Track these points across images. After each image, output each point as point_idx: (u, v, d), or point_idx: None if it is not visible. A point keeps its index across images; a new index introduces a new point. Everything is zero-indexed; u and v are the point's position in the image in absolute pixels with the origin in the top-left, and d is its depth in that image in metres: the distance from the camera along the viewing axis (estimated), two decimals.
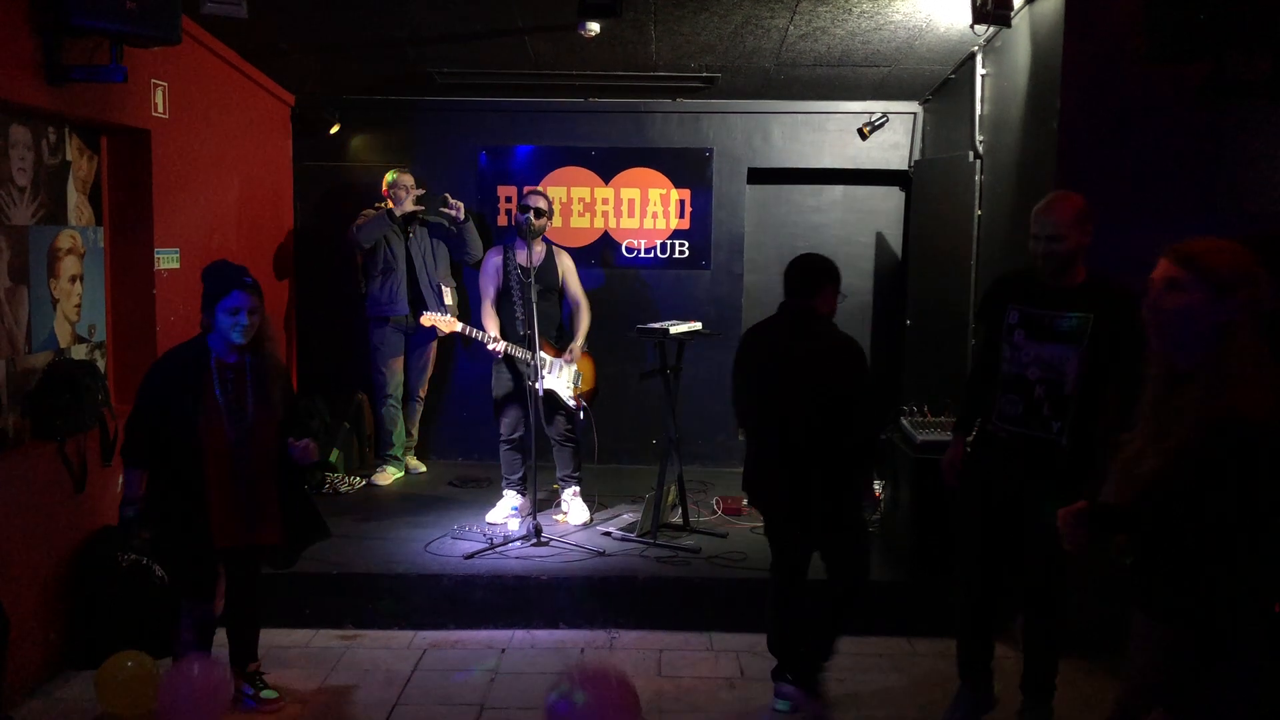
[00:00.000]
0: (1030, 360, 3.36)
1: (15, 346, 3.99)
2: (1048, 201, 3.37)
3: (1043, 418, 3.34)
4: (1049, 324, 3.34)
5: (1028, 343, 3.37)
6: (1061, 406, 3.31)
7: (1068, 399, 3.30)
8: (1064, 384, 3.30)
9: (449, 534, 5.12)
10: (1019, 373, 3.38)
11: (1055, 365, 3.31)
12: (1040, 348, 3.35)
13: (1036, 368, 3.35)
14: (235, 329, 3.39)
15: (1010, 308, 3.43)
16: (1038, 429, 3.36)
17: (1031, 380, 3.36)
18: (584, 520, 5.34)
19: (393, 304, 5.97)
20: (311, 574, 4.57)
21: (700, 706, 3.84)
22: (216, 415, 3.40)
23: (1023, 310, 3.40)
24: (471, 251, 6.10)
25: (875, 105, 6.51)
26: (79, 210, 4.42)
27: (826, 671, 3.72)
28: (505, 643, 4.40)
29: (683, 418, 5.88)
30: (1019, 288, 3.46)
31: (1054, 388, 3.32)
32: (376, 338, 6.05)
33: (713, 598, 4.61)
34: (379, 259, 5.96)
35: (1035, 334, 3.36)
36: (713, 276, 6.69)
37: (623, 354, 5.80)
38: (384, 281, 5.97)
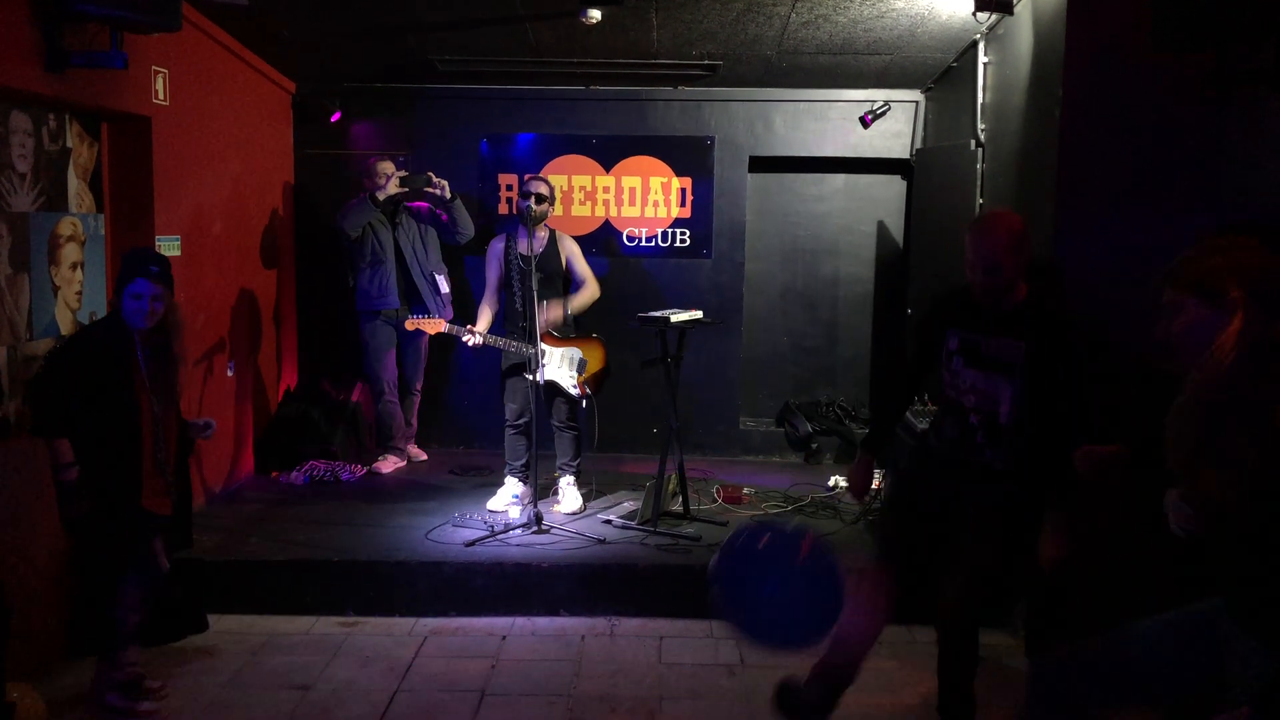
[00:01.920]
0: (967, 388, 3.27)
1: (16, 333, 3.99)
2: (981, 226, 3.20)
3: (976, 444, 3.26)
4: (984, 351, 3.24)
5: (965, 370, 3.27)
6: (996, 435, 3.23)
7: (1002, 428, 3.21)
8: (998, 414, 3.21)
9: (450, 522, 5.13)
10: (957, 399, 3.30)
11: (990, 394, 3.21)
12: (976, 375, 3.25)
13: (972, 395, 3.25)
14: (137, 314, 3.45)
15: (950, 333, 3.32)
16: (972, 454, 3.28)
17: (967, 408, 3.27)
18: (575, 509, 5.34)
19: (383, 297, 5.86)
20: (312, 561, 4.59)
21: (701, 694, 3.85)
22: (143, 387, 3.48)
23: (962, 336, 3.29)
24: (462, 231, 5.98)
25: (877, 93, 6.50)
26: (80, 197, 4.41)
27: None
28: (506, 630, 4.41)
29: (684, 406, 5.89)
30: (958, 310, 3.33)
31: (989, 418, 3.23)
32: (367, 332, 5.97)
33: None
34: (366, 250, 5.84)
35: (972, 361, 3.26)
36: (714, 265, 6.69)
37: (624, 343, 5.80)
38: (373, 274, 5.85)
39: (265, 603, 4.51)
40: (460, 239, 6.02)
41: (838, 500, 5.65)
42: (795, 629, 2.91)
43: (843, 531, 5.13)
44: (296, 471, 5.87)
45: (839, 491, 5.82)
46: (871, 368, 6.95)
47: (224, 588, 4.48)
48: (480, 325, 5.21)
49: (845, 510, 5.46)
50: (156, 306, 3.46)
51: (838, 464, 6.55)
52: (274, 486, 5.76)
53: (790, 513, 5.42)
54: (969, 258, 3.17)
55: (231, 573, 4.54)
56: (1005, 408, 3.19)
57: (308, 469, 5.88)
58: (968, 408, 3.27)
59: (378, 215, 5.79)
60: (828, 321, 6.98)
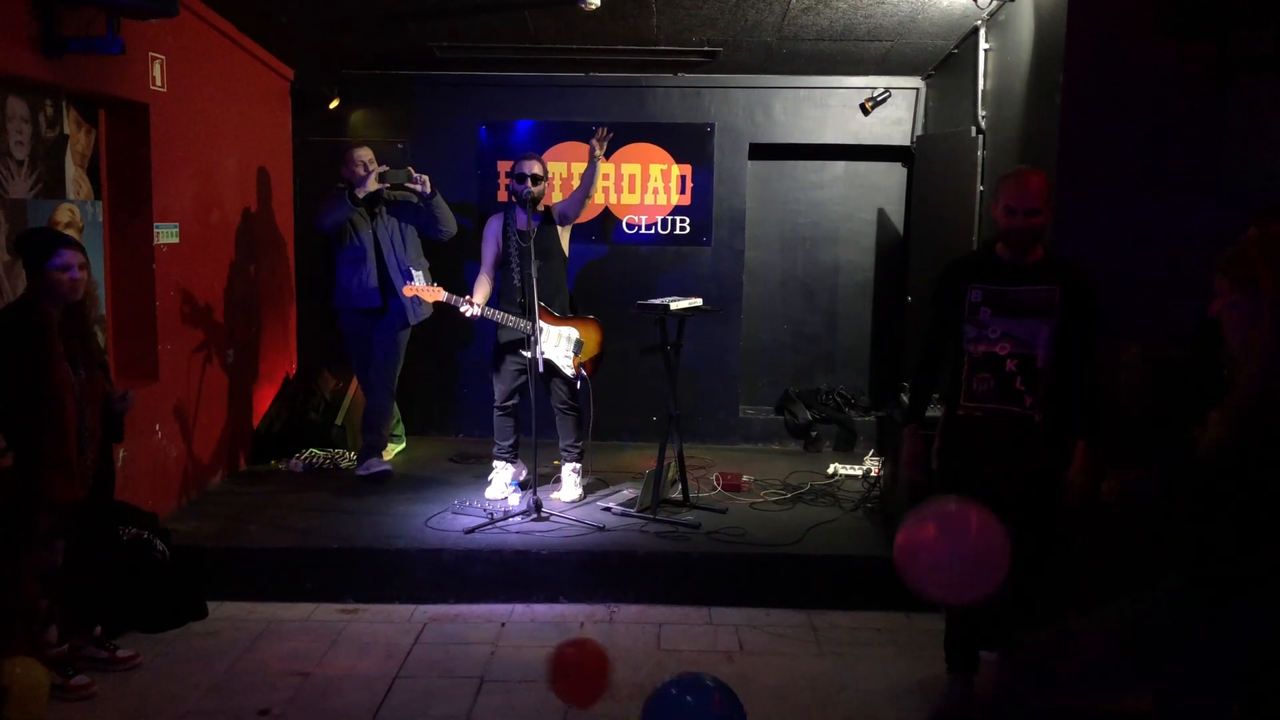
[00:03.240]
0: (998, 337, 3.38)
1: None
2: (1021, 175, 3.38)
3: (1016, 392, 3.37)
4: (1015, 299, 3.36)
5: (995, 319, 3.38)
6: (1034, 379, 3.35)
7: (1040, 372, 3.34)
8: (1035, 357, 3.34)
9: (449, 509, 5.13)
10: (989, 350, 3.39)
11: (1026, 339, 3.35)
12: (1008, 323, 3.36)
13: (1007, 343, 3.37)
14: (69, 287, 3.41)
15: (972, 288, 3.42)
16: (1012, 403, 3.38)
17: (1002, 355, 3.38)
18: (574, 498, 5.34)
19: (364, 295, 5.54)
20: (312, 549, 4.60)
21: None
22: (63, 369, 3.44)
23: (985, 289, 3.40)
24: (444, 228, 5.64)
25: (878, 80, 6.48)
26: (77, 184, 4.40)
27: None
28: (505, 616, 4.42)
29: (683, 394, 5.89)
30: (977, 268, 3.46)
31: (1026, 362, 3.35)
32: (344, 326, 5.70)
33: (712, 573, 4.62)
34: (347, 247, 5.52)
35: (1002, 310, 3.37)
36: (714, 253, 6.67)
37: (623, 330, 5.80)
38: (354, 271, 5.52)
39: (265, 590, 4.52)
40: (443, 235, 5.68)
41: (837, 488, 5.65)
42: None
43: (841, 519, 5.13)
44: (295, 459, 5.88)
45: (839, 479, 5.83)
46: (871, 356, 6.95)
47: (224, 575, 4.49)
48: (478, 298, 5.18)
49: (845, 498, 5.47)
50: (84, 275, 3.45)
51: (837, 452, 6.56)
52: (273, 474, 5.77)
53: (790, 500, 5.43)
54: (1008, 204, 3.34)
55: (231, 560, 4.54)
56: (1042, 350, 3.34)
57: (307, 457, 5.89)
58: (1003, 355, 3.37)
59: (358, 210, 5.47)
60: (827, 309, 6.97)
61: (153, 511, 4.42)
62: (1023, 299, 3.36)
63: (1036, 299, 3.34)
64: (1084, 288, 3.34)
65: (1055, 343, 3.32)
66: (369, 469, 5.61)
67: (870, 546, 4.73)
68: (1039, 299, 3.34)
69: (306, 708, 3.60)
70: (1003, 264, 3.40)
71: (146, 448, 4.70)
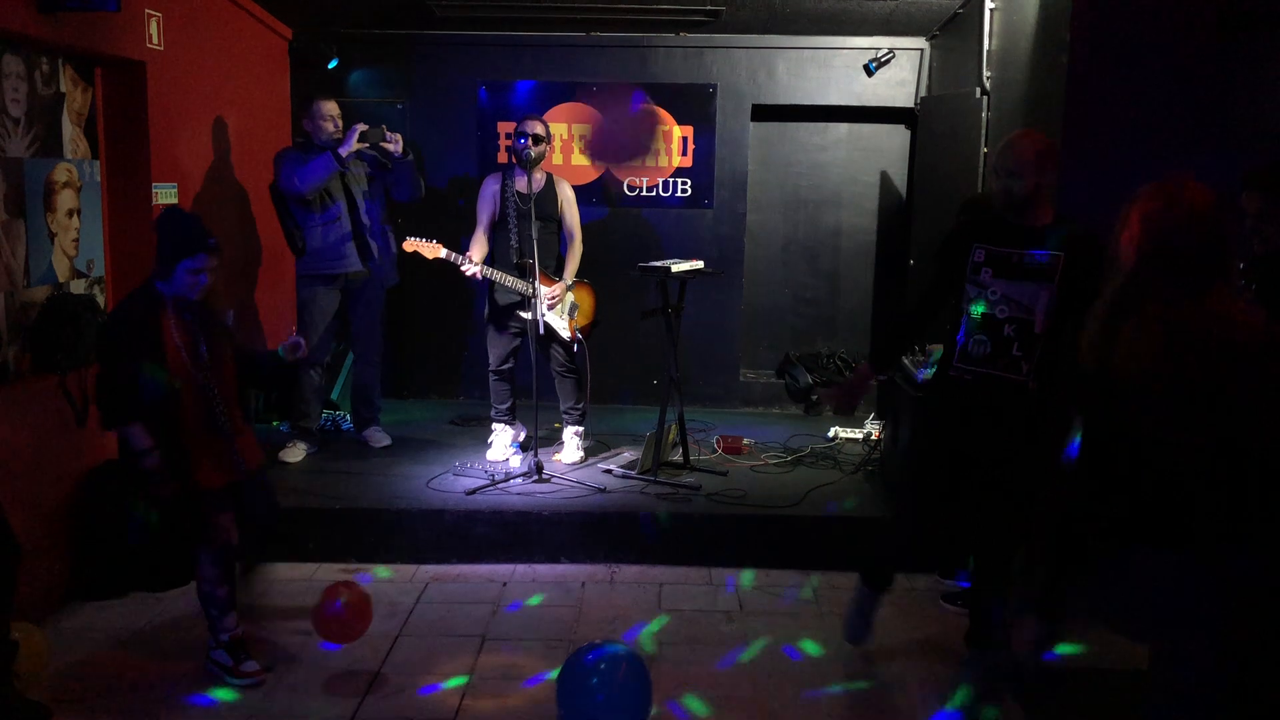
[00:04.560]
0: (998, 299, 3.33)
1: (14, 280, 3.97)
2: (1009, 139, 3.34)
3: (1012, 357, 3.32)
4: (1018, 261, 3.31)
5: (995, 281, 3.34)
6: (1031, 344, 3.30)
7: (1037, 338, 3.28)
8: (1033, 322, 3.28)
9: (450, 471, 5.14)
10: (988, 312, 3.35)
11: (1025, 303, 3.30)
12: (1009, 285, 3.32)
13: (1005, 306, 3.33)
14: (195, 288, 3.38)
15: (976, 248, 3.39)
16: (1006, 369, 3.34)
17: (1000, 319, 3.33)
18: (575, 460, 5.35)
19: (340, 259, 5.20)
20: (314, 509, 4.61)
21: (700, 639, 3.89)
22: (180, 358, 3.37)
23: (989, 250, 3.36)
24: (412, 191, 5.37)
25: (882, 41, 6.40)
26: (74, 143, 4.37)
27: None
28: (507, 576, 4.44)
29: (684, 358, 5.88)
30: (985, 228, 3.43)
31: (1023, 326, 3.30)
32: (305, 294, 5.28)
33: (713, 534, 4.64)
34: (319, 209, 5.16)
35: (1003, 272, 3.33)
36: (715, 215, 6.64)
37: (624, 293, 5.78)
38: (326, 233, 5.17)
39: (268, 550, 4.53)
40: (410, 198, 5.42)
41: (838, 451, 5.66)
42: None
43: (841, 481, 5.15)
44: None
45: (839, 442, 5.83)
46: (873, 319, 6.93)
47: None
48: (476, 257, 5.15)
49: (845, 461, 5.48)
50: (213, 279, 3.41)
51: (837, 415, 6.56)
52: (275, 436, 5.77)
53: (790, 463, 5.44)
54: (994, 165, 3.34)
55: None
56: (1040, 315, 3.28)
57: None
58: (1001, 319, 3.33)
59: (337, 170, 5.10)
60: (829, 273, 6.95)
61: None
62: (1025, 262, 3.31)
63: (1039, 263, 3.29)
64: (1090, 255, 3.22)
65: (1054, 307, 3.26)
66: (378, 441, 5.56)
67: (870, 508, 4.74)
68: (1041, 264, 3.29)
69: (310, 665, 3.63)
70: (1010, 226, 3.35)
71: None
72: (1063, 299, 3.25)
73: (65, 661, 3.59)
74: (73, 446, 4.14)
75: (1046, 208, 3.33)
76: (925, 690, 3.51)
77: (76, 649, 3.70)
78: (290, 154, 5.19)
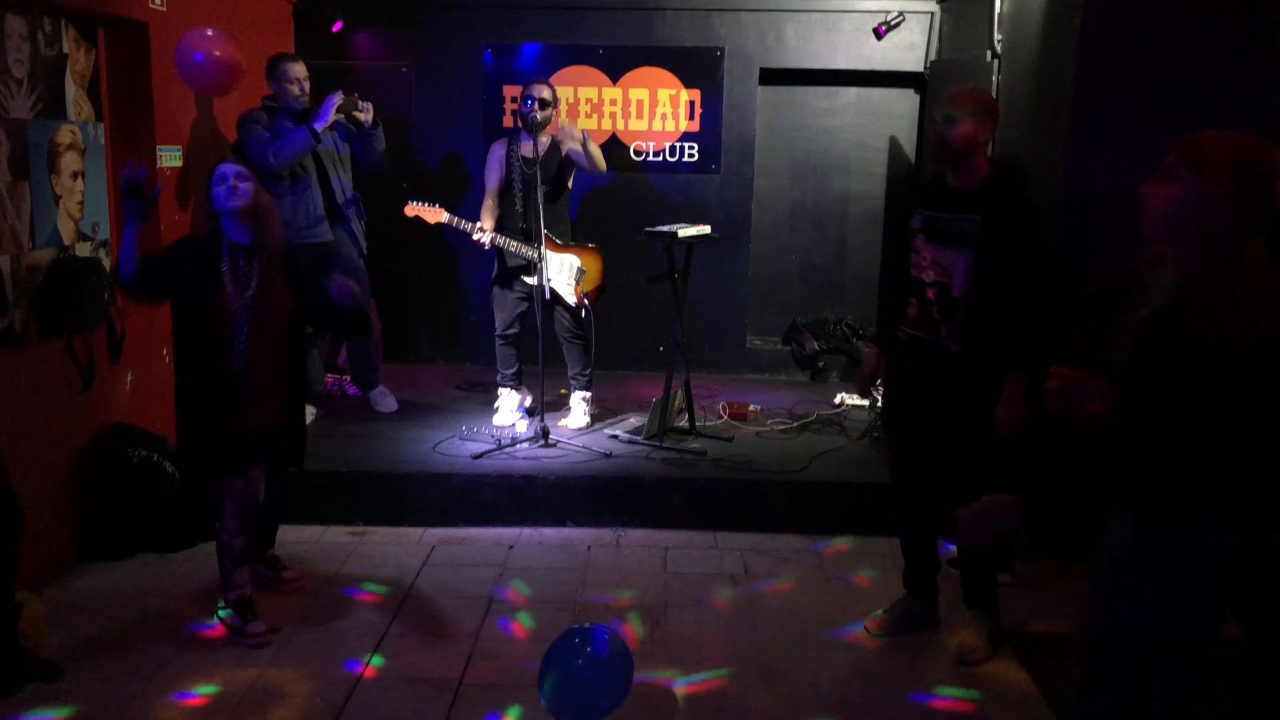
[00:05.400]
0: (927, 264, 3.37)
1: (19, 242, 3.96)
2: (950, 90, 3.35)
3: (932, 320, 3.36)
4: (944, 227, 3.33)
5: (926, 246, 3.37)
6: (949, 310, 3.31)
7: (955, 302, 3.30)
8: (952, 286, 3.30)
9: (457, 435, 5.15)
10: (918, 276, 3.40)
11: (946, 268, 3.31)
12: (936, 251, 3.34)
13: (931, 270, 3.36)
14: (230, 195, 3.40)
15: (916, 214, 3.42)
16: (928, 332, 3.38)
17: (926, 283, 3.37)
18: (581, 425, 5.36)
19: (312, 228, 5.01)
20: (322, 472, 4.63)
21: (705, 602, 3.91)
22: (226, 294, 3.42)
23: (925, 215, 3.39)
24: (380, 160, 5.23)
25: (891, 4, 6.32)
26: (78, 104, 4.34)
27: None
28: (513, 540, 4.46)
29: (690, 324, 5.86)
30: (925, 192, 3.46)
31: (944, 290, 3.32)
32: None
33: (718, 499, 4.66)
34: (287, 179, 4.95)
35: (932, 237, 3.36)
36: (722, 180, 6.59)
37: (630, 259, 5.75)
38: (295, 201, 4.95)
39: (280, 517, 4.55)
40: (376, 167, 5.27)
41: (844, 418, 5.66)
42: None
43: (847, 448, 5.15)
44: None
45: (845, 408, 5.83)
46: (880, 286, 6.90)
47: None
48: (487, 224, 5.13)
49: (851, 427, 5.47)
50: (242, 186, 3.41)
51: (844, 382, 6.55)
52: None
53: (796, 429, 5.44)
54: (933, 116, 3.32)
55: None
56: (959, 280, 3.28)
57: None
58: (926, 283, 3.37)
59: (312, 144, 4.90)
60: (837, 239, 6.91)
61: (163, 434, 4.44)
62: (949, 226, 3.31)
63: (960, 227, 3.28)
64: (1011, 219, 3.20)
65: (972, 274, 3.25)
66: (385, 405, 5.56)
67: (875, 474, 4.74)
68: (961, 228, 3.28)
69: (318, 626, 3.66)
70: (945, 189, 3.36)
71: (154, 371, 4.71)
72: (982, 265, 3.23)
73: (76, 621, 3.63)
74: (80, 409, 4.15)
75: (981, 167, 3.30)
76: (928, 653, 3.53)
77: (87, 609, 3.73)
78: (258, 131, 4.88)
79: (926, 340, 3.39)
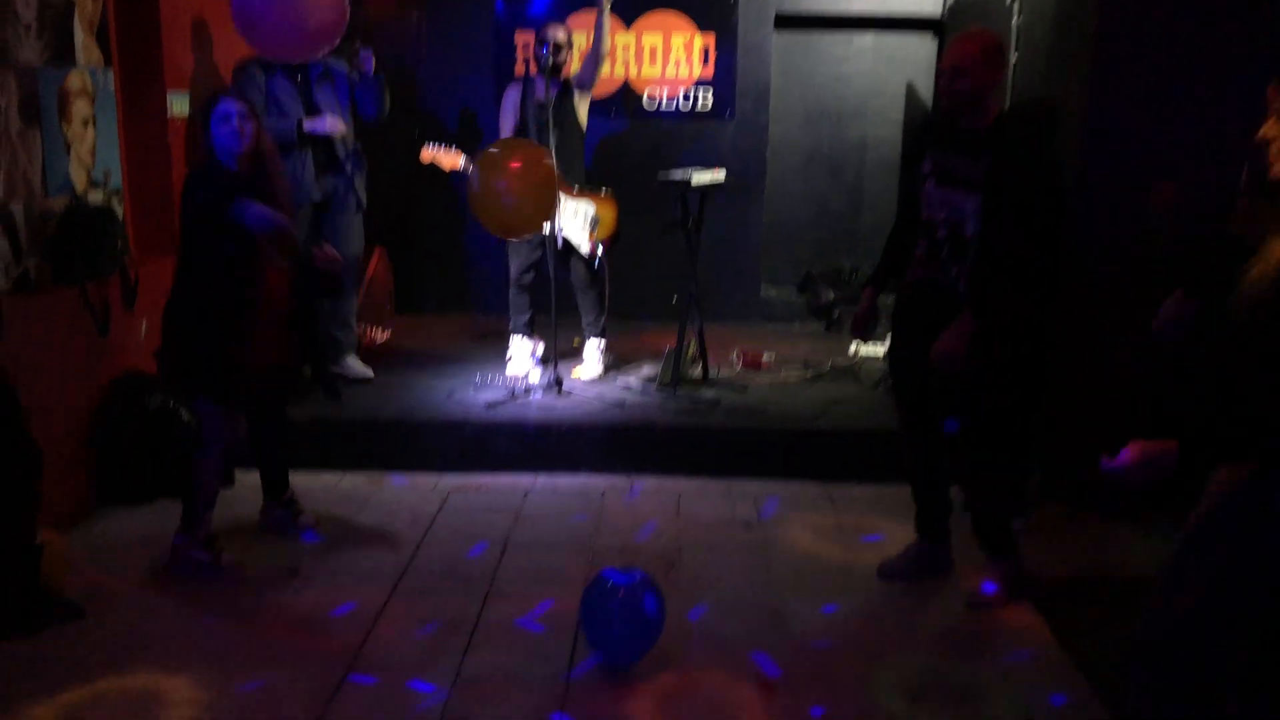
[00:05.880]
0: (938, 205, 3.34)
1: (31, 189, 3.95)
2: (958, 35, 3.29)
3: (941, 261, 3.33)
4: (953, 169, 3.29)
5: (936, 189, 3.34)
6: (960, 251, 3.29)
7: (967, 243, 3.27)
8: (964, 227, 3.27)
9: (471, 384, 5.16)
10: (929, 217, 3.37)
11: (958, 208, 3.28)
12: (946, 193, 3.31)
13: (942, 211, 3.32)
14: (231, 136, 3.38)
15: (927, 157, 3.39)
16: (937, 273, 3.35)
17: (937, 223, 3.34)
18: (595, 375, 5.35)
19: (299, 188, 4.74)
20: (337, 419, 4.65)
21: (718, 546, 3.93)
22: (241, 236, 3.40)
23: (935, 158, 3.36)
24: (379, 108, 5.02)
25: None
26: (87, 50, 4.30)
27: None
28: (528, 486, 4.49)
29: (704, 273, 5.82)
30: (936, 135, 3.42)
31: (955, 230, 3.29)
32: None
33: (731, 447, 4.66)
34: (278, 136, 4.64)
35: (942, 180, 3.32)
36: (737, 128, 6.52)
37: (643, 207, 5.70)
38: (290, 163, 4.70)
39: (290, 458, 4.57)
40: (378, 114, 5.07)
41: (858, 367, 5.64)
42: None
43: (861, 397, 5.14)
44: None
45: (860, 358, 5.81)
46: None
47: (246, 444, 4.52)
48: None
49: (865, 376, 5.46)
50: (246, 126, 3.39)
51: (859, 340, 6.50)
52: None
53: (810, 379, 5.43)
54: (941, 66, 3.28)
55: None
56: (971, 222, 3.25)
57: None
58: (938, 223, 3.34)
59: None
60: (852, 187, 6.84)
61: None
62: (958, 169, 3.28)
63: (967, 170, 3.25)
64: (1014, 163, 3.17)
65: (981, 216, 3.22)
66: (356, 372, 5.19)
67: (889, 422, 4.72)
68: (968, 170, 3.25)
69: (335, 568, 3.70)
70: (955, 132, 3.32)
71: None
72: (990, 206, 3.20)
73: (97, 563, 3.68)
74: (96, 356, 4.17)
75: (990, 109, 3.27)
76: (940, 596, 3.55)
77: (107, 552, 3.79)
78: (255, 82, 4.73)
79: (934, 281, 3.37)
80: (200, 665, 3.04)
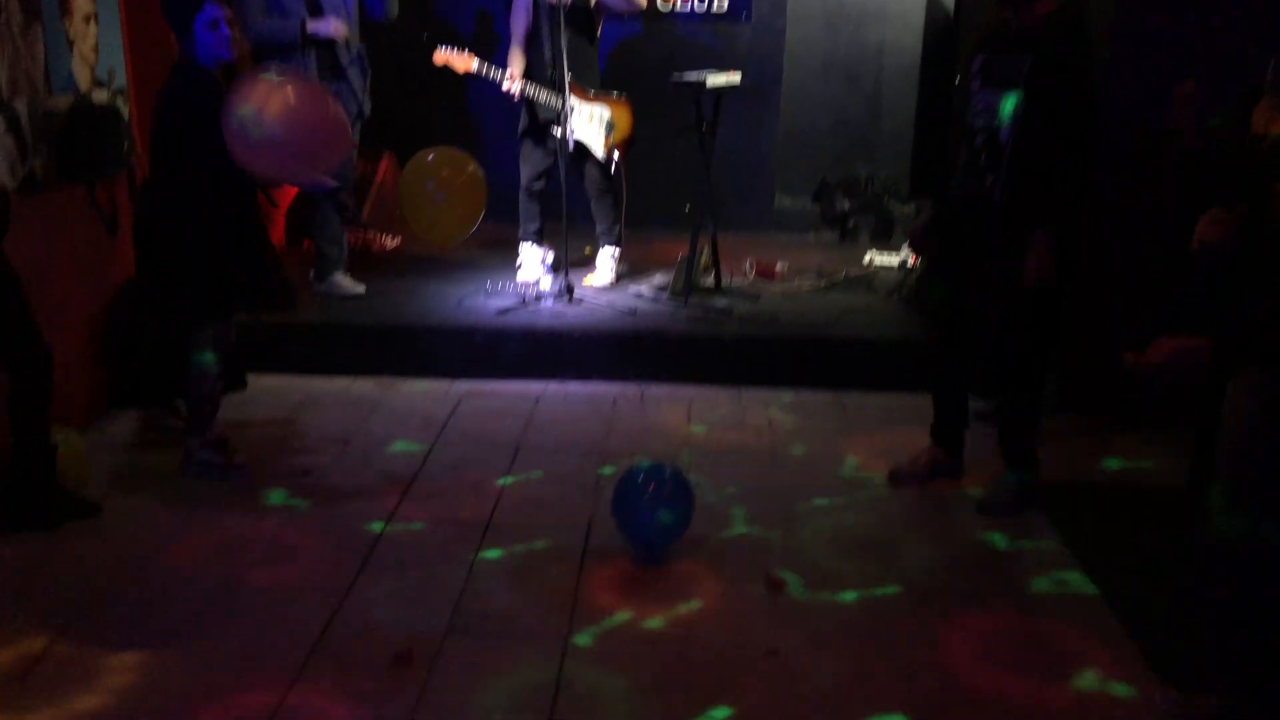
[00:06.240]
0: (981, 109, 3.21)
1: (35, 86, 3.87)
2: None
3: (979, 169, 3.22)
4: (999, 68, 3.17)
5: (981, 90, 3.22)
6: (996, 156, 3.17)
7: (1002, 148, 3.15)
8: (999, 131, 3.15)
9: (481, 291, 5.13)
10: (971, 122, 3.25)
11: (995, 110, 3.16)
12: (989, 94, 3.19)
13: (983, 116, 3.20)
14: (221, 44, 3.27)
15: (977, 56, 3.26)
16: (974, 182, 3.24)
17: (976, 128, 3.22)
18: (607, 282, 5.31)
19: None
20: (347, 324, 4.65)
21: (731, 449, 3.94)
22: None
23: (985, 57, 3.23)
24: (387, 9, 4.93)
25: None
26: None
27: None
28: (539, 392, 4.49)
29: (717, 181, 5.73)
30: (988, 33, 3.29)
31: (991, 136, 3.17)
32: None
33: (743, 356, 4.64)
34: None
35: (987, 80, 3.20)
36: (753, 30, 6.35)
37: (657, 112, 5.58)
38: (283, 60, 4.52)
39: (301, 364, 4.58)
40: (385, 15, 4.97)
41: (872, 277, 5.58)
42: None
43: (874, 306, 5.10)
44: None
45: (874, 268, 5.75)
46: (914, 142, 6.70)
47: (259, 349, 4.52)
48: (514, 72, 4.98)
49: (879, 285, 5.41)
50: (236, 32, 3.31)
51: (874, 241, 6.44)
52: (307, 255, 5.76)
53: (823, 288, 5.38)
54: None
55: (266, 334, 4.56)
56: (1007, 124, 3.13)
57: None
58: (976, 128, 3.23)
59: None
60: (870, 94, 6.68)
61: None
62: (1003, 67, 3.16)
63: (1010, 68, 3.13)
64: (1058, 59, 3.04)
65: (1020, 117, 3.10)
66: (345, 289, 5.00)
67: (902, 330, 4.70)
68: (1012, 68, 3.12)
69: (348, 470, 3.72)
70: (1006, 29, 3.18)
71: None
72: (1030, 107, 3.07)
73: (112, 461, 3.71)
74: (106, 257, 4.15)
75: (1040, 7, 3.11)
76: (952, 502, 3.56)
77: (121, 451, 3.82)
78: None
79: (971, 191, 3.26)
80: (215, 561, 3.08)
